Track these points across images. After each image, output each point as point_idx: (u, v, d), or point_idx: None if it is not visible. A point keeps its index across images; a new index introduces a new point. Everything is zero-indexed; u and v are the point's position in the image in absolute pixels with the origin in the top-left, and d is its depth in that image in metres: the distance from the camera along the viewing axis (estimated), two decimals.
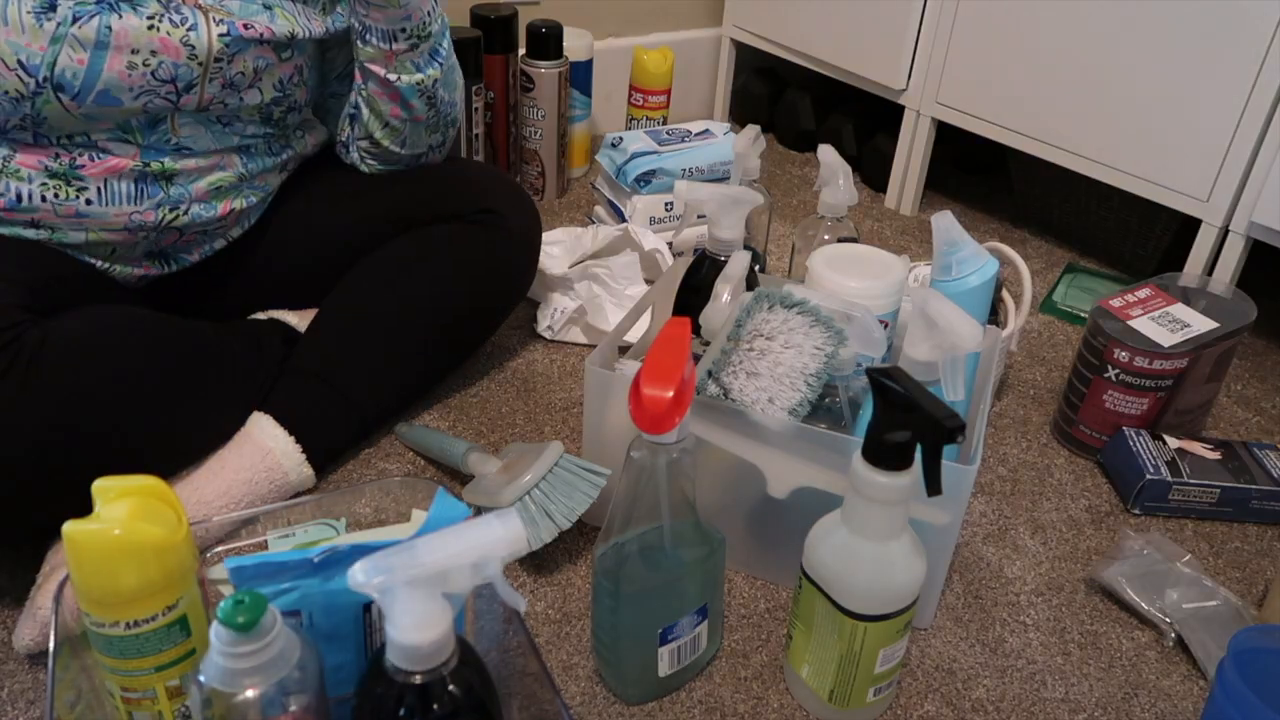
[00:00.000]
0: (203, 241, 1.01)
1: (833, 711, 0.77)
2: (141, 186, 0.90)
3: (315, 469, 0.95)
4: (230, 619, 0.53)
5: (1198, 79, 1.22)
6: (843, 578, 0.71)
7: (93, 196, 0.88)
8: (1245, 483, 1.01)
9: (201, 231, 0.98)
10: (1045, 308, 1.41)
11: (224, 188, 0.97)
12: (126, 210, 0.90)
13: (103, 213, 0.89)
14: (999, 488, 1.06)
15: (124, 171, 0.89)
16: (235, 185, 0.98)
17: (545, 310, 1.24)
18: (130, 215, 0.90)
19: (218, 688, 0.54)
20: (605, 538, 0.74)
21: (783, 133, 1.90)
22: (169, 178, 0.92)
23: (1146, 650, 0.87)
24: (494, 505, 0.88)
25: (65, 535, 0.59)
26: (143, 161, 0.89)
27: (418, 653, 0.53)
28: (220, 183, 0.96)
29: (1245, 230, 1.22)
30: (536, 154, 1.57)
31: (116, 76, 0.84)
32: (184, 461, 0.90)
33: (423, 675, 0.54)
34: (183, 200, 0.93)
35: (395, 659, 0.53)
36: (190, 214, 0.94)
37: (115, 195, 0.89)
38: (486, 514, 0.55)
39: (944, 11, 1.47)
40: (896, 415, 0.66)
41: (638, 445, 0.70)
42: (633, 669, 0.77)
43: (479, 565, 0.53)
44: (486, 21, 1.49)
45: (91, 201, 0.88)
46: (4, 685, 0.77)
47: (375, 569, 0.51)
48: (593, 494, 0.88)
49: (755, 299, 0.81)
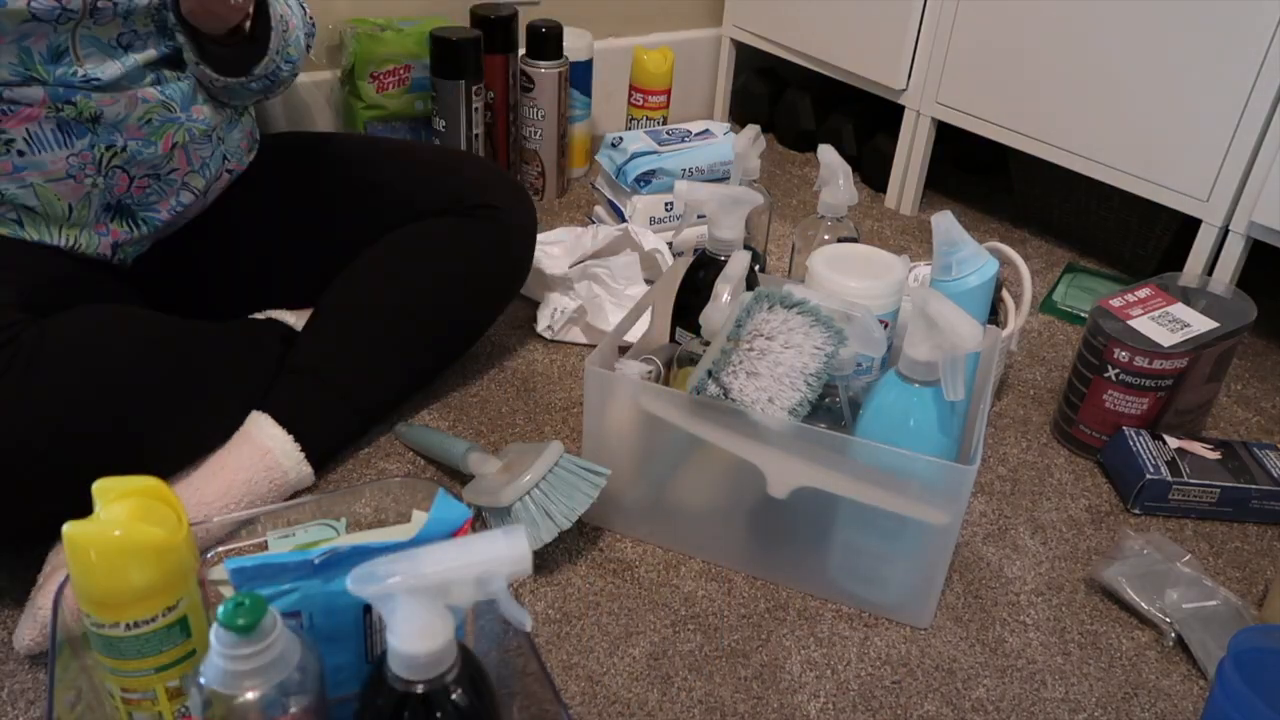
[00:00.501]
0: (163, 192, 0.97)
1: None
2: (67, 131, 0.88)
3: (314, 467, 0.95)
4: (230, 621, 0.53)
5: (1198, 78, 1.22)
6: None
7: (22, 148, 0.86)
8: (1245, 483, 1.01)
9: (154, 176, 0.95)
10: (1045, 307, 1.41)
11: (154, 121, 0.92)
12: (61, 155, 0.88)
13: (38, 161, 0.87)
14: (999, 487, 1.06)
15: (41, 119, 0.86)
16: (165, 117, 0.93)
17: (545, 310, 1.24)
18: (67, 159, 0.88)
19: (218, 690, 0.54)
20: None
21: (783, 133, 1.90)
22: (94, 120, 0.88)
23: (1146, 650, 0.87)
24: (494, 505, 0.88)
25: (65, 536, 0.59)
26: (54, 104, 0.86)
27: (419, 662, 0.53)
28: (148, 115, 0.92)
29: (1245, 230, 1.22)
30: (536, 154, 1.57)
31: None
32: (183, 461, 0.90)
33: (424, 685, 0.53)
34: (115, 138, 0.90)
35: (397, 668, 0.53)
36: (129, 150, 0.91)
37: (44, 143, 0.87)
38: (493, 530, 0.54)
39: (944, 11, 1.47)
40: None
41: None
42: None
43: (482, 581, 0.52)
44: (486, 21, 1.49)
45: (23, 153, 0.87)
46: (4, 685, 0.77)
47: (376, 576, 0.51)
48: (593, 494, 0.88)
49: (755, 299, 0.81)
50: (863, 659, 0.84)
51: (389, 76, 1.48)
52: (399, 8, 1.55)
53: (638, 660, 0.83)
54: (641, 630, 0.86)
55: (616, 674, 0.82)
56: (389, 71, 1.47)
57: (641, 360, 0.93)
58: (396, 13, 1.54)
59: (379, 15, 1.52)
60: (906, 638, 0.87)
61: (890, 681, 0.83)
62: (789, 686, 0.81)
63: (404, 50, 1.47)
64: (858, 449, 0.81)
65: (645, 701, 0.79)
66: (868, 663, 0.84)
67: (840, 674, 0.83)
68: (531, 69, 1.52)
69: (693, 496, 0.92)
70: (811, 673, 0.83)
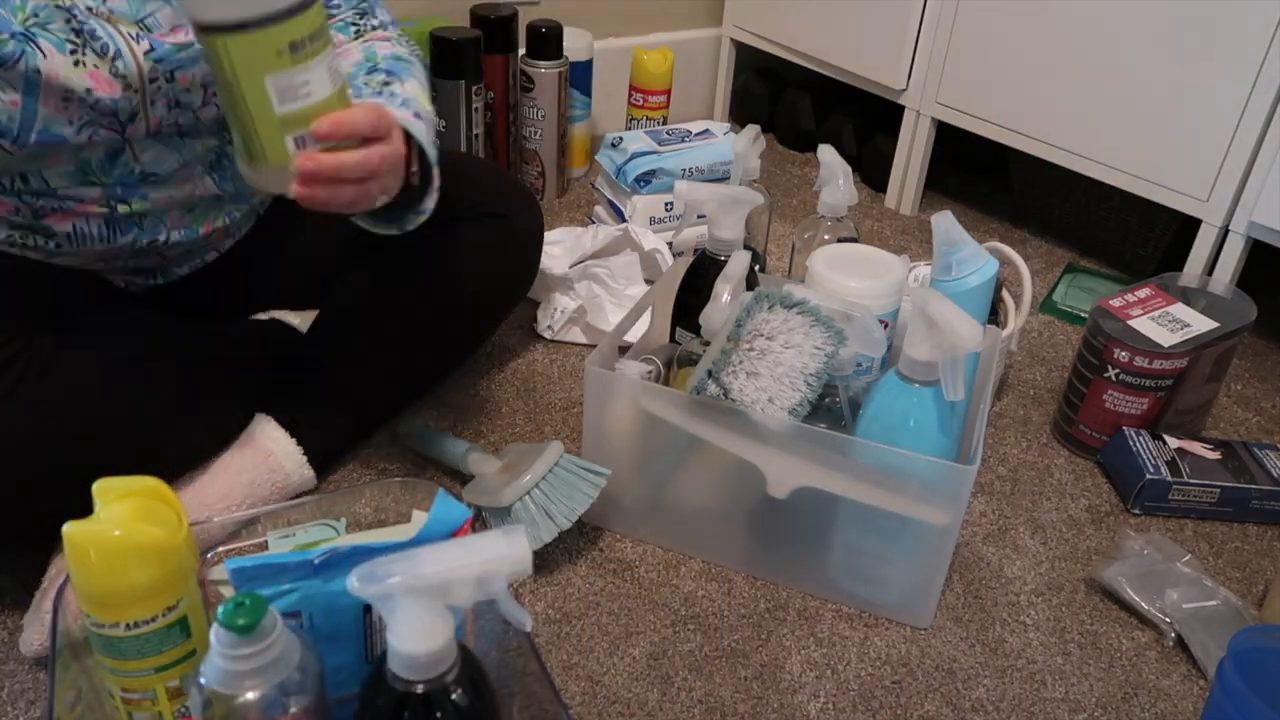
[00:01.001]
0: (189, 258, 0.97)
1: (253, 169, 0.70)
2: (114, 227, 0.85)
3: (317, 470, 0.95)
4: (230, 621, 0.53)
5: (1198, 79, 1.22)
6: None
7: (62, 242, 0.84)
8: (1245, 483, 1.01)
9: (185, 251, 0.94)
10: (1045, 307, 1.41)
11: (199, 210, 0.90)
12: (101, 247, 0.85)
13: (75, 251, 0.85)
14: (999, 488, 1.06)
15: (92, 215, 0.83)
16: (214, 204, 0.91)
17: (545, 310, 1.24)
18: (105, 248, 0.86)
19: (218, 689, 0.54)
20: None
21: (783, 133, 1.90)
22: (140, 216, 0.86)
23: (1146, 650, 0.87)
24: (494, 505, 0.88)
25: (66, 536, 0.59)
26: (109, 204, 0.83)
27: (419, 662, 0.53)
28: (194, 204, 0.89)
29: (1245, 230, 1.22)
30: (536, 154, 1.57)
31: (53, 112, 0.76)
32: (190, 464, 0.90)
33: (424, 685, 0.53)
34: (159, 232, 0.88)
35: (397, 668, 0.53)
36: (169, 239, 0.89)
37: (88, 237, 0.84)
38: (493, 530, 0.54)
39: (944, 11, 1.47)
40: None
41: None
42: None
43: (483, 581, 0.52)
44: (486, 21, 1.49)
45: (61, 246, 0.84)
46: (4, 685, 0.77)
47: (377, 576, 0.51)
48: (593, 494, 0.88)
49: (755, 299, 0.81)
50: (863, 659, 0.84)
51: None
52: (399, 8, 1.54)
53: (638, 660, 0.83)
54: (641, 630, 0.86)
55: (616, 674, 0.82)
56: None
57: (641, 360, 0.93)
58: (397, 13, 1.54)
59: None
60: (906, 638, 0.87)
61: (890, 681, 0.83)
62: (789, 686, 0.81)
63: None
64: (858, 449, 0.81)
65: (645, 701, 0.79)
66: (868, 663, 0.84)
67: (840, 674, 0.83)
68: (531, 69, 1.52)
69: (693, 496, 0.92)
70: (811, 673, 0.83)
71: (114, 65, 0.77)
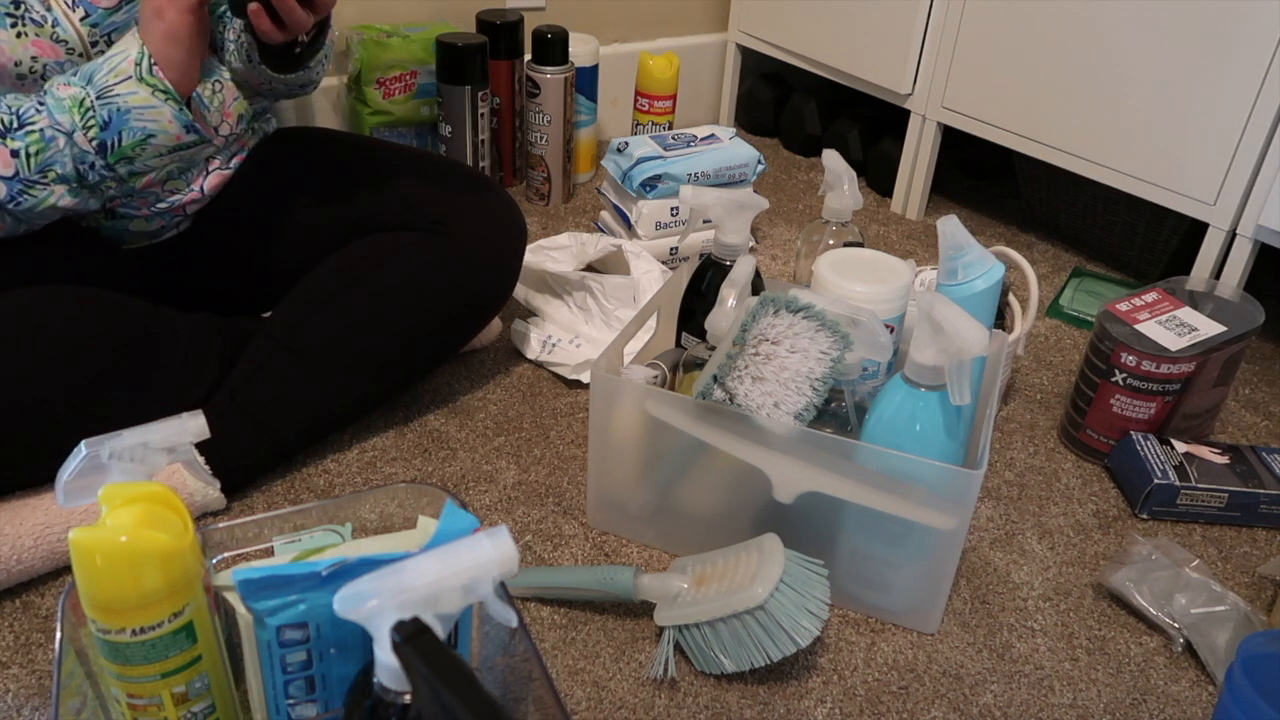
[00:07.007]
0: (147, 203, 0.99)
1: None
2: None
3: (226, 493, 0.93)
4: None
5: (1204, 82, 1.22)
6: None
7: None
8: (1254, 487, 1.00)
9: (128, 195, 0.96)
10: (1052, 312, 1.40)
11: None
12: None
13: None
14: (1006, 492, 1.05)
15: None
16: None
17: (538, 335, 1.21)
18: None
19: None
20: None
21: (788, 138, 1.90)
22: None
23: (1155, 655, 0.87)
24: (743, 608, 0.78)
25: (71, 542, 0.59)
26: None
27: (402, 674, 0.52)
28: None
29: (1252, 234, 1.22)
30: (542, 159, 1.58)
31: (10, 89, 0.83)
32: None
33: (410, 695, 0.53)
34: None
35: (384, 679, 0.53)
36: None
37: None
38: (477, 533, 0.54)
39: (949, 16, 1.47)
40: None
41: None
42: None
43: (470, 587, 0.52)
44: (492, 27, 1.49)
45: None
46: (9, 690, 0.77)
47: (363, 596, 0.51)
48: (824, 580, 0.81)
49: (761, 303, 0.81)
50: (869, 664, 0.84)
51: (395, 82, 1.48)
52: (405, 13, 1.55)
53: (644, 665, 0.83)
54: (647, 635, 0.85)
55: (622, 679, 0.81)
56: (395, 77, 1.48)
57: (647, 365, 0.93)
58: (403, 19, 1.55)
59: (385, 21, 1.53)
60: (913, 643, 0.87)
61: (897, 687, 0.82)
62: (795, 692, 0.81)
63: (410, 56, 1.48)
64: (864, 454, 0.81)
65: (651, 706, 0.79)
66: (874, 668, 0.84)
67: (847, 679, 0.83)
68: (537, 74, 1.52)
69: (698, 501, 0.92)
70: (818, 678, 0.83)
71: (54, 32, 0.86)
